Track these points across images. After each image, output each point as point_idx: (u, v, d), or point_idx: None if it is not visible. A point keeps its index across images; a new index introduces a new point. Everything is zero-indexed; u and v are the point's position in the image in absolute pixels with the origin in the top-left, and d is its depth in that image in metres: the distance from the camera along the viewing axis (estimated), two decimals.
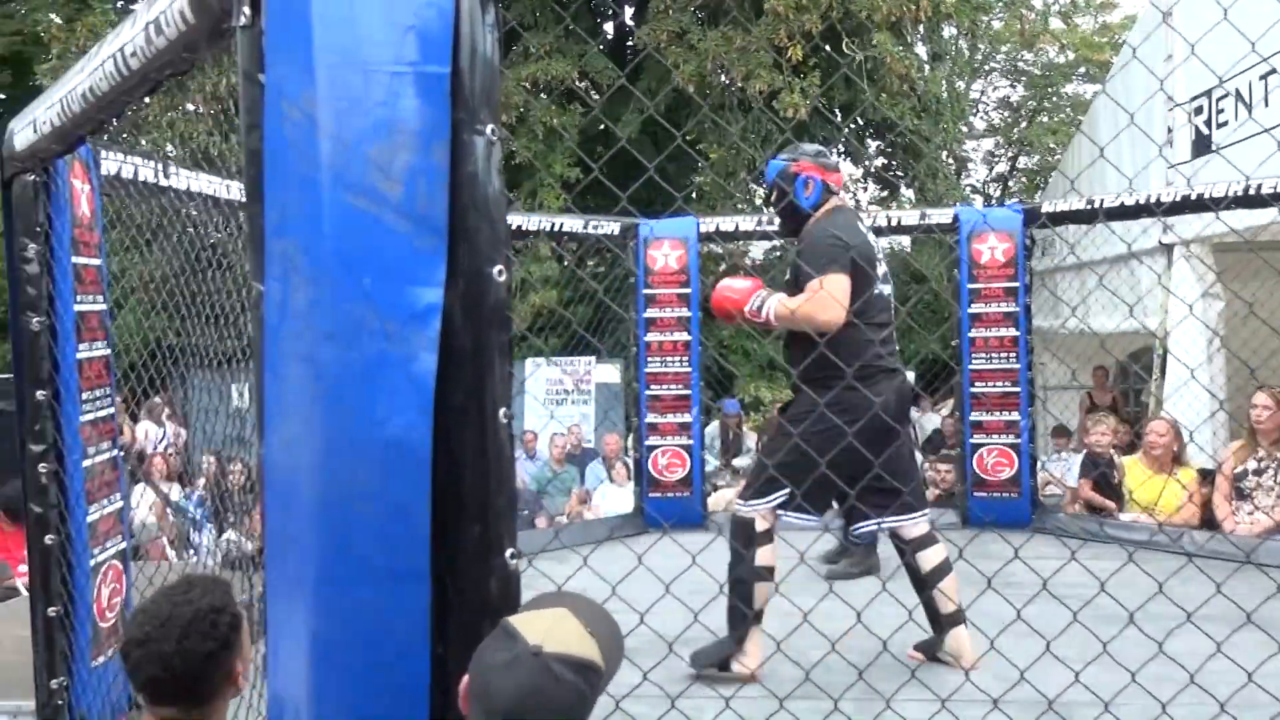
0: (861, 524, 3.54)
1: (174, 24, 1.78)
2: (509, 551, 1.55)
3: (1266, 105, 5.87)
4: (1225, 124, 6.34)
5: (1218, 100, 6.38)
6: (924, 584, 3.47)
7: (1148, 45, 7.06)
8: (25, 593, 5.82)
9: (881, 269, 3.53)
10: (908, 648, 3.47)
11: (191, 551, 5.82)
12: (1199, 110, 6.61)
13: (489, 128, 1.52)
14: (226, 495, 5.83)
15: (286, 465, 1.54)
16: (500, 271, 1.53)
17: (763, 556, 3.37)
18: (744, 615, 3.33)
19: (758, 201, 13.44)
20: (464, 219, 1.50)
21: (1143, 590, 2.42)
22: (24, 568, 6.26)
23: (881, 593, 2.68)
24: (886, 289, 3.54)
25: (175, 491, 6.76)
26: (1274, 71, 5.79)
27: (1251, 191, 4.91)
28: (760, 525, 3.39)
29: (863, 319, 3.29)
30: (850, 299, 3.29)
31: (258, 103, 1.56)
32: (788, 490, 3.32)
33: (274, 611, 1.59)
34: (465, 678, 1.41)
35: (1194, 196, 5.07)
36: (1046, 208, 5.70)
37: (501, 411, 1.54)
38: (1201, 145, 6.59)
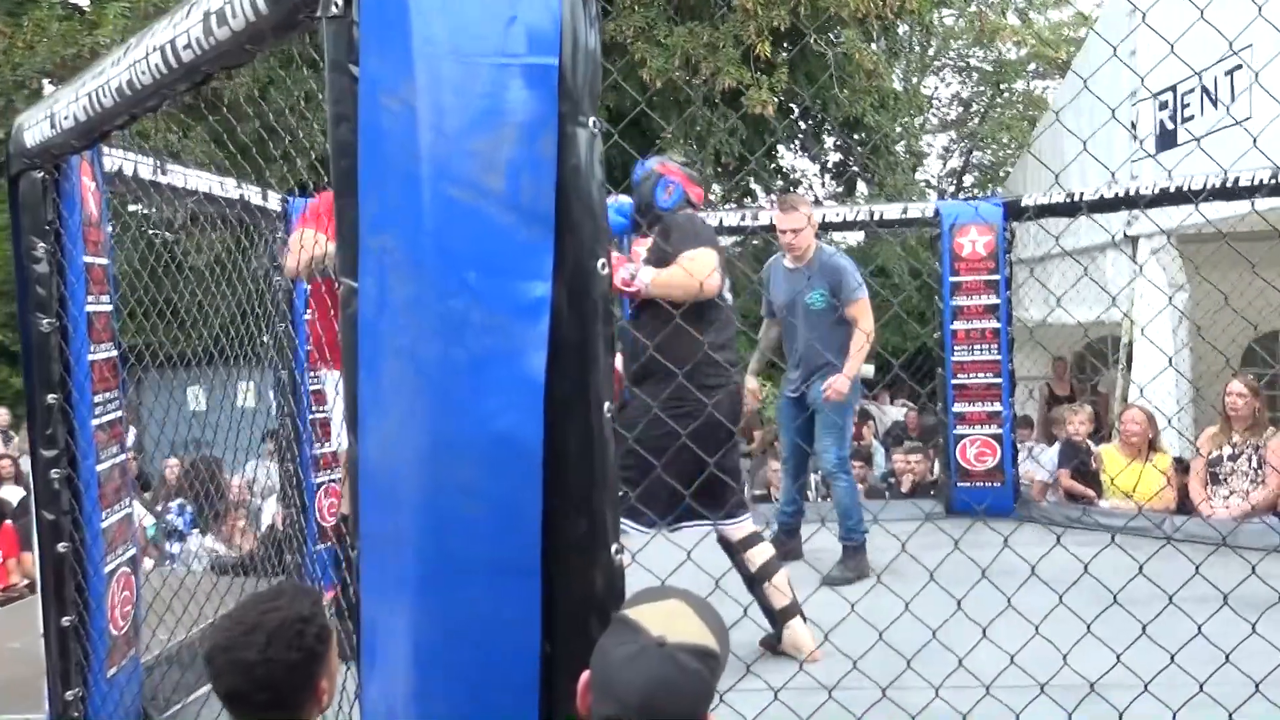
0: (686, 524, 3.42)
1: (242, 15, 1.74)
2: (614, 547, 1.54)
3: (1233, 100, 6.01)
4: (1191, 118, 6.48)
5: (1184, 95, 6.52)
6: (754, 581, 3.51)
7: (1112, 39, 7.18)
8: None
9: (727, 280, 3.62)
10: (955, 638, 3.46)
11: (169, 561, 5.70)
12: (1164, 105, 6.75)
13: (591, 120, 1.51)
14: (203, 500, 5.72)
15: (385, 463, 1.51)
16: (603, 264, 1.52)
17: (753, 559, 3.49)
18: (773, 613, 3.47)
19: (711, 198, 13.48)
20: (568, 212, 1.48)
21: (1128, 574, 2.47)
22: None
23: (929, 583, 2.70)
24: (729, 298, 3.65)
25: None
26: (1240, 67, 5.93)
27: (1227, 184, 5.01)
28: (736, 534, 3.50)
29: (704, 321, 3.33)
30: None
31: (348, 94, 1.53)
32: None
33: (370, 613, 1.56)
34: (585, 674, 1.39)
35: (1172, 189, 5.16)
36: (1026, 201, 5.79)
37: (605, 405, 1.52)
38: (1167, 139, 6.73)
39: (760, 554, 3.54)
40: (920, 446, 8.19)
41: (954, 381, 5.76)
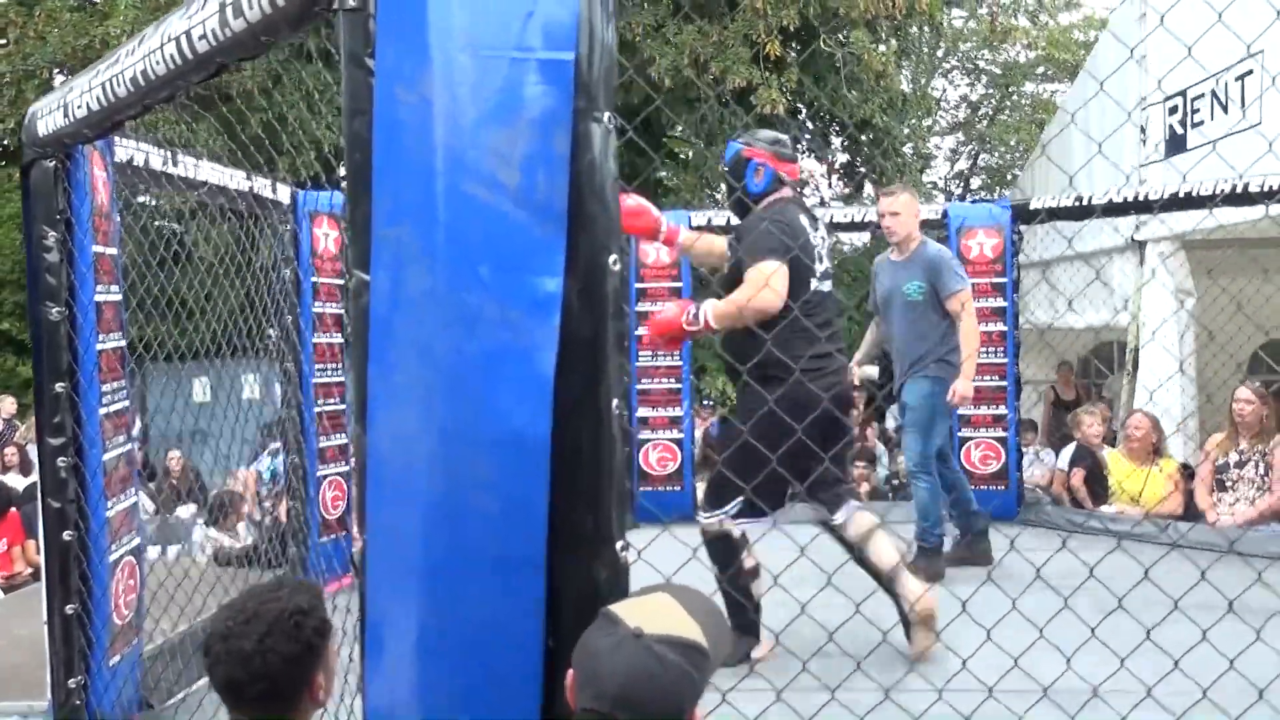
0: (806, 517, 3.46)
1: (258, 6, 1.74)
2: (619, 543, 1.54)
3: (1243, 106, 6.00)
4: (1201, 124, 6.47)
5: (1193, 100, 6.50)
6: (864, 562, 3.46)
7: (1123, 43, 7.18)
8: None
9: (822, 266, 3.47)
10: (960, 641, 3.40)
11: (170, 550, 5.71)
12: (1174, 109, 6.73)
13: (606, 115, 1.50)
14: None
15: (395, 457, 1.51)
16: (615, 260, 1.52)
17: (746, 562, 3.39)
18: (749, 617, 3.35)
19: (718, 196, 13.47)
20: (582, 207, 1.48)
21: (1132, 579, 2.46)
22: None
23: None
24: (826, 285, 3.50)
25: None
26: (1251, 73, 5.92)
27: (1237, 190, 5.00)
28: (735, 533, 3.38)
29: (800, 313, 3.23)
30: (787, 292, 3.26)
31: (363, 87, 1.53)
32: (741, 495, 3.27)
33: (375, 606, 1.56)
34: (571, 670, 1.39)
35: (1182, 194, 5.16)
36: (1035, 204, 5.77)
37: (615, 403, 1.52)
38: (1177, 144, 6.71)
39: (863, 524, 3.48)
40: None
41: None
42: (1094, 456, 6.04)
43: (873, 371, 12.38)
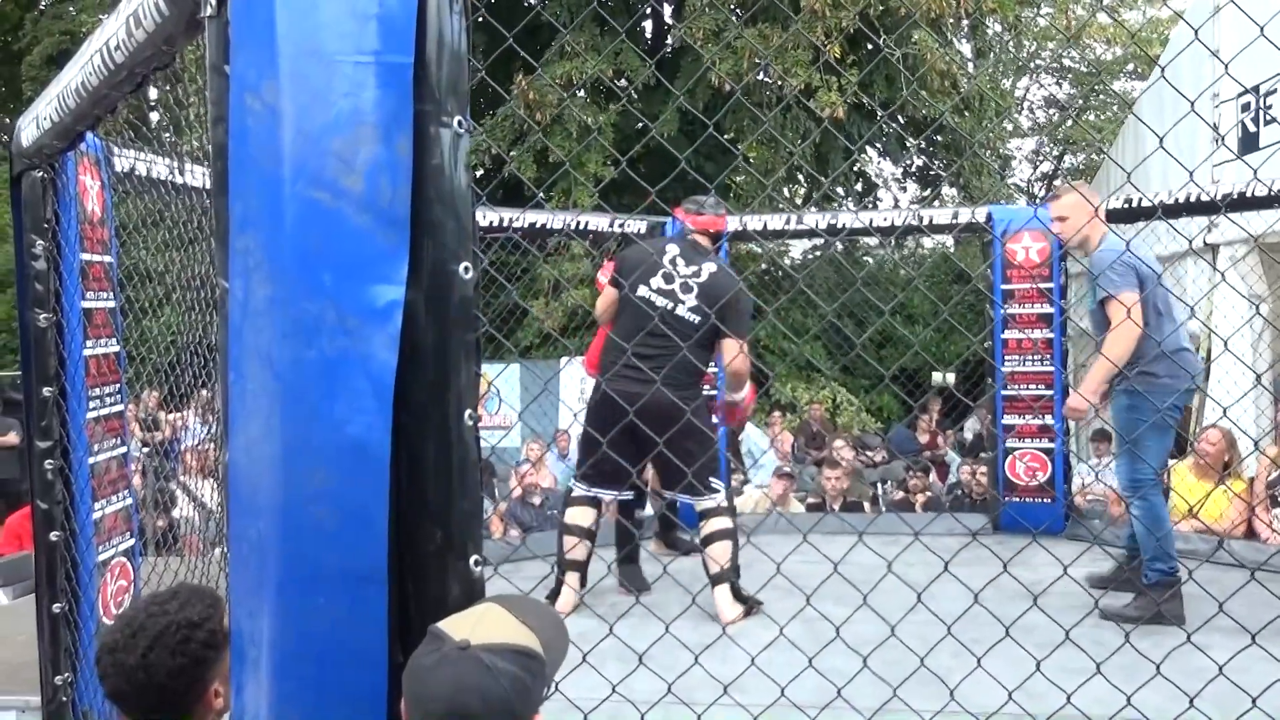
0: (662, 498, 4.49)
1: (151, 16, 1.76)
2: (473, 558, 1.50)
3: None
4: (1273, 121, 6.15)
5: (1266, 97, 6.19)
6: (702, 545, 4.17)
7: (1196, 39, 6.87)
8: None
9: (667, 286, 4.04)
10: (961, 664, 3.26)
11: (215, 549, 5.82)
12: (1246, 107, 6.42)
13: (456, 119, 1.47)
14: None
15: (248, 467, 1.50)
16: (466, 268, 1.48)
17: (570, 516, 4.22)
18: (558, 563, 4.23)
19: (798, 200, 13.31)
20: (429, 213, 1.45)
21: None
22: None
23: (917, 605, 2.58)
24: (659, 300, 4.03)
25: (209, 488, 6.77)
26: None
27: None
28: (577, 491, 4.25)
29: (616, 324, 4.09)
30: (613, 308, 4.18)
31: (224, 95, 1.52)
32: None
33: (237, 617, 1.55)
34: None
35: (1235, 195, 4.90)
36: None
37: (467, 413, 1.49)
38: (1249, 142, 6.40)
39: (714, 525, 4.12)
40: (988, 459, 7.96)
41: (1004, 393, 5.54)
42: None
43: (950, 378, 12.12)
